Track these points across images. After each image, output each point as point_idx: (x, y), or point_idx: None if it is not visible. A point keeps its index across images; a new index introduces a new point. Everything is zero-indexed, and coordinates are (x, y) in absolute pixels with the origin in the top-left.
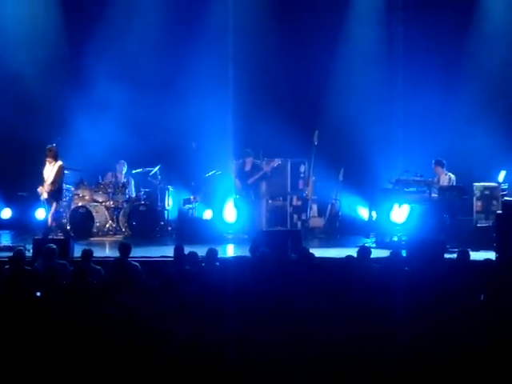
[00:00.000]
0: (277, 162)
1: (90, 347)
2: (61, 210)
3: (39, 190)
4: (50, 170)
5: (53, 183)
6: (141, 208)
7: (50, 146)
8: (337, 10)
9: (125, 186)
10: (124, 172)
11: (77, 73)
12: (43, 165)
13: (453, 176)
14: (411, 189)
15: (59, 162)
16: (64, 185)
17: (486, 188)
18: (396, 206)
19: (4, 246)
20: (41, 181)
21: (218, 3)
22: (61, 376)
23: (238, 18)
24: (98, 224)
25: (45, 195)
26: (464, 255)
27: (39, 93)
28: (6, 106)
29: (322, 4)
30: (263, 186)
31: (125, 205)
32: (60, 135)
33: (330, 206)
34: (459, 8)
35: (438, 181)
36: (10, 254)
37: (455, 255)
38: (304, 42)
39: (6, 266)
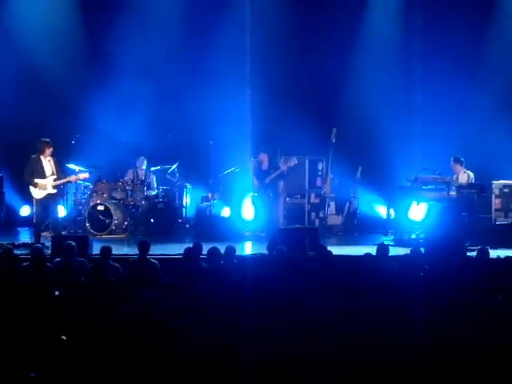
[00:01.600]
0: (293, 161)
1: (107, 344)
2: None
3: (43, 185)
4: (49, 165)
5: (59, 178)
6: (159, 205)
7: (47, 139)
8: (355, 7)
9: (144, 182)
10: (144, 168)
11: (97, 70)
12: (34, 159)
13: (471, 174)
14: (429, 186)
15: (53, 157)
16: (83, 182)
17: (505, 186)
18: (414, 203)
19: (23, 243)
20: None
21: (236, 2)
22: (78, 372)
23: (256, 15)
24: (116, 221)
25: (52, 190)
26: (483, 253)
27: (59, 91)
28: (25, 105)
29: (340, 1)
30: (281, 183)
31: (143, 202)
32: (80, 132)
33: (347, 204)
34: (479, 2)
35: (457, 178)
36: (29, 250)
37: (474, 253)
38: (322, 39)
39: (25, 263)
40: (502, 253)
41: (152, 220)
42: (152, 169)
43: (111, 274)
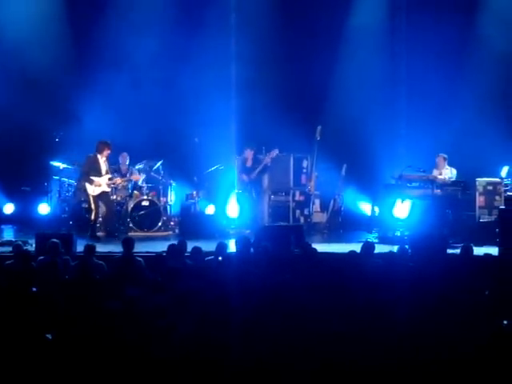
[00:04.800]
0: (275, 152)
1: (92, 342)
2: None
3: (98, 182)
4: (104, 164)
5: (113, 177)
6: (143, 203)
7: (107, 140)
8: (340, 4)
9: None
10: (127, 164)
11: (81, 68)
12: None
13: (454, 170)
14: (414, 184)
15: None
16: (67, 179)
17: (488, 183)
18: (399, 201)
19: (6, 241)
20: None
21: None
22: (63, 370)
23: (241, 13)
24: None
25: (106, 188)
26: (467, 250)
27: (44, 89)
28: (9, 101)
29: None
30: (265, 181)
31: (128, 199)
32: (63, 130)
33: (332, 202)
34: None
35: (440, 174)
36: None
37: (458, 250)
38: (307, 37)
39: (7, 262)
40: (486, 250)
41: (136, 217)
42: (137, 166)
43: (96, 271)
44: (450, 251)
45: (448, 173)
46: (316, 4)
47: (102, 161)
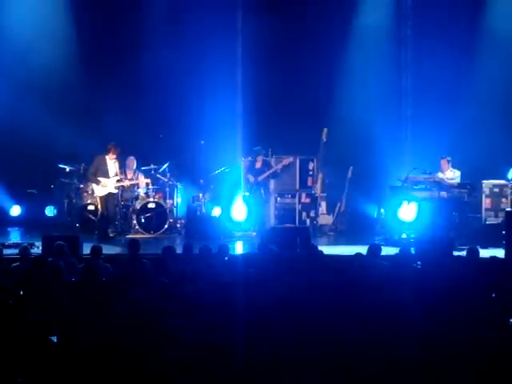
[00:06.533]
0: (288, 160)
1: (98, 344)
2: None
3: (105, 183)
4: (113, 166)
5: (122, 179)
6: (149, 205)
7: (113, 142)
8: (346, 6)
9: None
10: (134, 168)
11: (89, 70)
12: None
13: (458, 171)
14: (420, 186)
15: (118, 159)
16: (74, 182)
17: (495, 185)
18: (405, 203)
19: (13, 244)
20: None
21: (226, 4)
22: (68, 374)
23: (246, 17)
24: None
25: (113, 190)
26: (473, 253)
27: (51, 90)
28: (17, 103)
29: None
30: (272, 183)
31: (134, 202)
32: (70, 132)
33: (338, 204)
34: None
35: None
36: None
37: (464, 253)
38: (312, 38)
39: (14, 264)
40: (492, 252)
41: (143, 220)
42: (142, 168)
43: (101, 273)
44: (456, 253)
45: (451, 174)
46: (322, 6)
47: (112, 162)
